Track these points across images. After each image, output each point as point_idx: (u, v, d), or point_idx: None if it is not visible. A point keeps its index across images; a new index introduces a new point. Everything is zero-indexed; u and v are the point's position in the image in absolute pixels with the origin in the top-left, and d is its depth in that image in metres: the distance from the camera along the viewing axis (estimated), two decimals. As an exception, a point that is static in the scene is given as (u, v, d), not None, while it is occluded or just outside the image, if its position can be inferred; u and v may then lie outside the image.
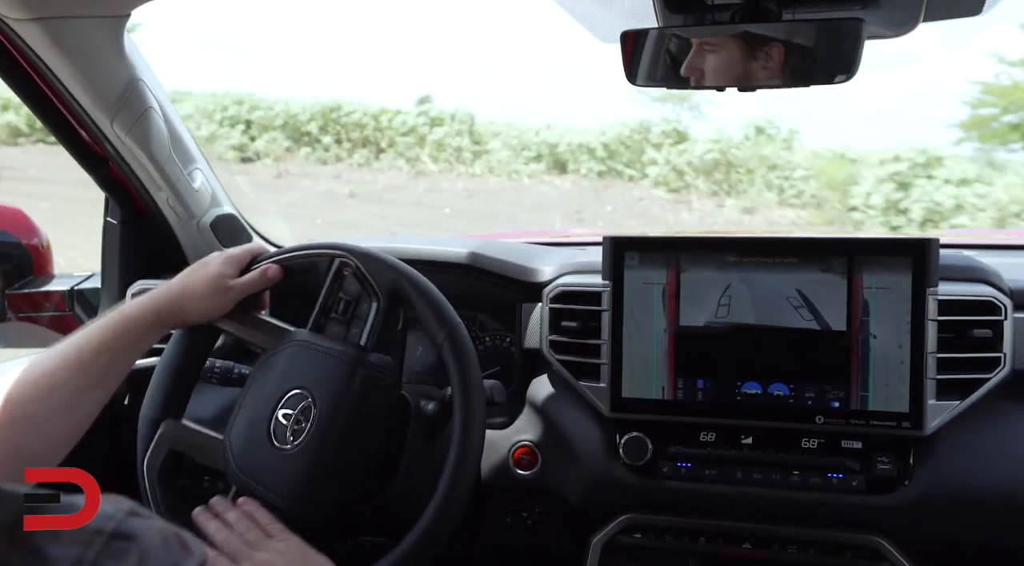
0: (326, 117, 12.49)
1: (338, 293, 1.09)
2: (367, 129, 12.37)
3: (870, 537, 1.16)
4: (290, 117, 12.52)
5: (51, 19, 1.15)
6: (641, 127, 11.32)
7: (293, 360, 1.04)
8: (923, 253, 1.14)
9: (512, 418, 1.35)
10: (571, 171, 11.48)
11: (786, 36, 1.05)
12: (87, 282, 1.64)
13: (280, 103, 12.67)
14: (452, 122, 12.32)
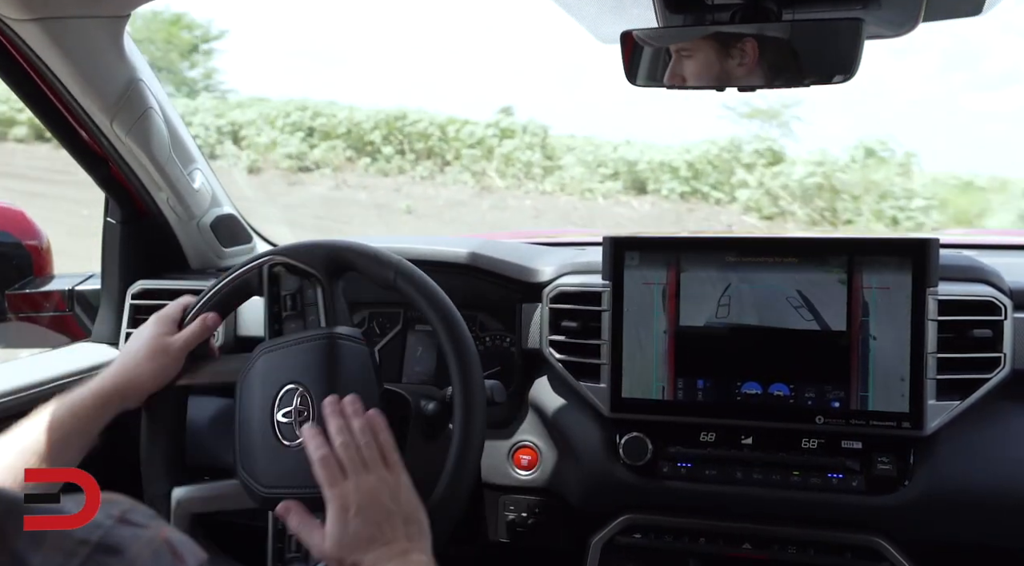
0: (390, 126, 11.74)
1: (280, 294, 1.09)
2: (432, 139, 11.59)
3: (870, 537, 1.16)
4: (353, 125, 11.84)
5: (51, 19, 1.15)
6: (731, 145, 10.28)
7: (268, 365, 1.04)
8: (923, 253, 1.13)
9: (512, 418, 1.35)
10: (651, 191, 10.53)
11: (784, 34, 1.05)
12: (87, 282, 1.64)
13: (344, 110, 12.07)
14: (523, 134, 11.51)
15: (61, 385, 1.35)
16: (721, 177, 10.33)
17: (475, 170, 11.35)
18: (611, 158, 10.96)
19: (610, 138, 11.55)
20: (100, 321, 1.57)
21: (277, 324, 1.09)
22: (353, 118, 11.83)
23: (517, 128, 11.56)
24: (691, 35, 1.10)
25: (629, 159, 10.76)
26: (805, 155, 9.97)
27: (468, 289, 1.35)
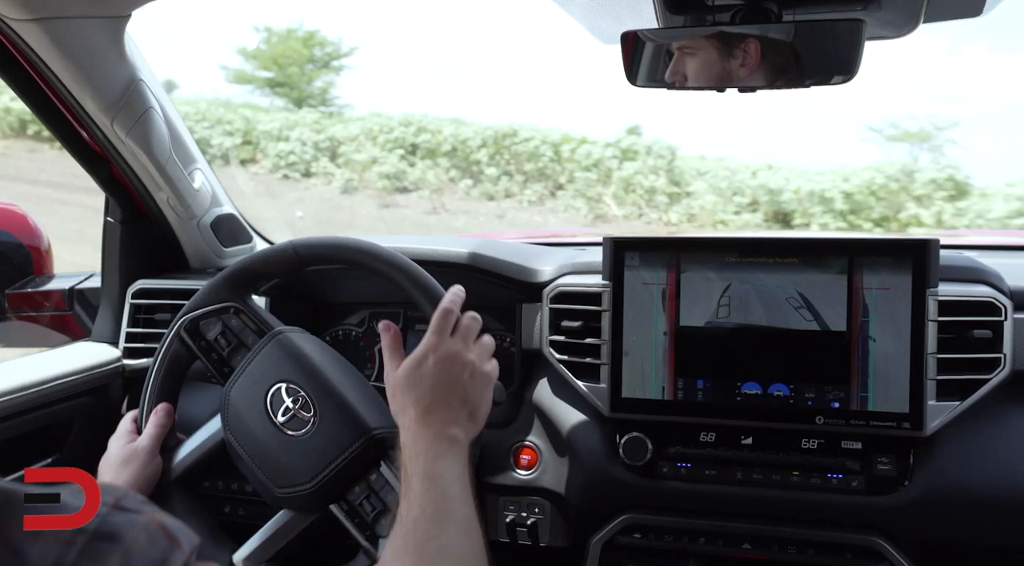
0: (498, 144, 10.51)
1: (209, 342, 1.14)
2: (543, 160, 10.27)
3: (870, 538, 1.16)
4: (459, 142, 10.63)
5: (52, 19, 1.15)
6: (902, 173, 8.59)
7: (240, 392, 1.09)
8: (923, 254, 1.14)
9: (512, 418, 1.35)
10: (797, 225, 9.00)
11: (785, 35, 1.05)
12: (87, 282, 1.64)
13: (450, 126, 10.90)
14: (647, 156, 9.95)
15: (61, 385, 1.35)
16: (886, 211, 8.65)
17: (590, 195, 9.97)
18: (749, 185, 9.32)
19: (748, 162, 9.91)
20: (100, 320, 1.57)
21: (226, 366, 1.13)
22: (459, 135, 10.66)
23: (640, 149, 10.04)
24: (695, 35, 1.09)
25: (771, 187, 9.10)
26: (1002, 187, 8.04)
27: (468, 289, 1.35)
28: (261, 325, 1.13)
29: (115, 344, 1.52)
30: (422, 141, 10.83)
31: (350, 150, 11.03)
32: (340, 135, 11.31)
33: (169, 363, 1.14)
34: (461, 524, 0.80)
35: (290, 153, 11.01)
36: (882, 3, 1.03)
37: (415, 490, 0.82)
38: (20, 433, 1.28)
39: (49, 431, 1.36)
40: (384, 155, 10.70)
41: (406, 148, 10.82)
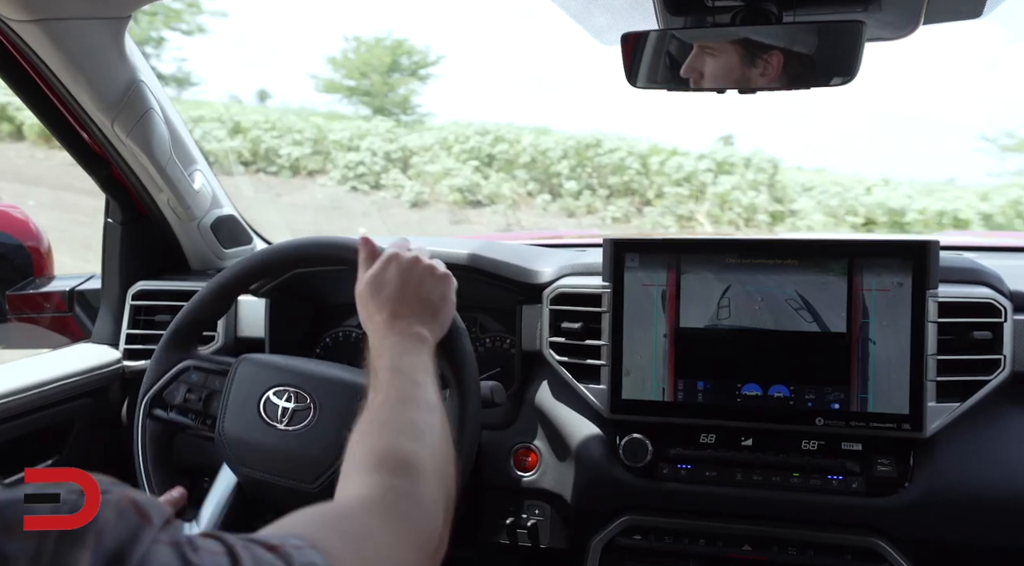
0: (580, 155, 9.51)
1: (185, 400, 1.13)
2: (629, 173, 9.23)
3: (870, 539, 1.16)
4: (539, 153, 9.68)
5: (52, 20, 1.15)
6: None
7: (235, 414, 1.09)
8: (923, 255, 1.14)
9: (512, 420, 1.35)
10: None
11: (787, 41, 1.05)
12: (87, 283, 1.64)
13: (530, 135, 9.95)
14: (746, 169, 8.90)
15: (61, 386, 1.35)
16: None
17: (681, 213, 8.97)
18: (864, 203, 8.24)
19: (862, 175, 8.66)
20: (100, 322, 1.57)
21: (207, 418, 1.12)
22: (539, 145, 9.67)
23: (737, 161, 8.90)
24: (722, 36, 1.09)
25: (891, 206, 8.00)
26: None
27: (468, 290, 1.35)
28: (221, 364, 1.13)
29: (115, 345, 1.52)
30: (499, 152, 9.92)
31: (422, 161, 10.24)
32: (413, 145, 10.51)
33: (152, 446, 1.13)
34: (427, 405, 0.81)
35: (359, 164, 10.24)
36: (882, 4, 1.03)
37: (382, 380, 0.83)
38: (20, 435, 1.28)
39: (49, 432, 1.36)
40: (458, 166, 9.86)
41: (481, 159, 9.96)
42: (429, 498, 0.69)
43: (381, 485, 0.67)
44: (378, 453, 0.71)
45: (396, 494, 0.67)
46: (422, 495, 0.68)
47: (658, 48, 1.10)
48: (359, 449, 0.73)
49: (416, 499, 0.68)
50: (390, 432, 0.75)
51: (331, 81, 12.79)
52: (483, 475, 1.34)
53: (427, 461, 0.72)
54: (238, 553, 0.48)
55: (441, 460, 0.75)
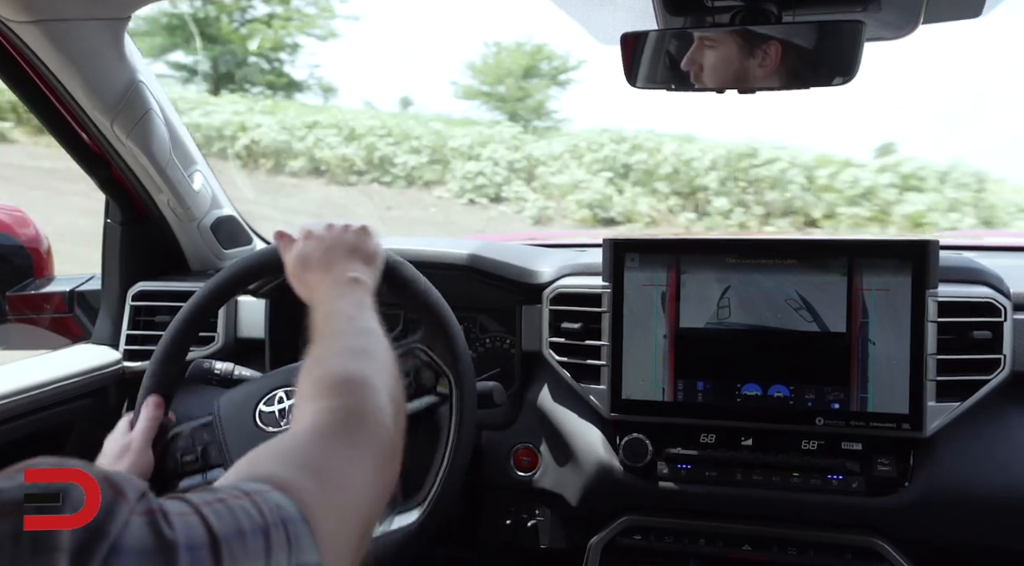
0: (731, 166, 8.06)
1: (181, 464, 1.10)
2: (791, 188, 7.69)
3: (870, 538, 1.16)
4: (682, 163, 8.21)
5: (52, 21, 1.15)
6: None
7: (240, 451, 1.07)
8: (923, 255, 1.14)
9: (512, 420, 1.35)
10: None
11: (786, 36, 1.05)
12: (87, 284, 1.64)
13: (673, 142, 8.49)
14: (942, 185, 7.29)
15: (61, 387, 1.35)
16: None
17: None
18: None
19: None
20: (100, 323, 1.57)
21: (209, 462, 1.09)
22: (682, 154, 8.19)
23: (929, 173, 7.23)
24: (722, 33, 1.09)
25: None
26: None
27: (468, 291, 1.35)
28: (203, 420, 1.12)
29: (115, 346, 1.52)
30: (636, 161, 8.33)
31: (549, 172, 8.92)
32: (540, 153, 9.13)
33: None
34: (363, 331, 0.83)
35: (479, 174, 8.97)
36: (882, 4, 1.03)
37: (319, 326, 0.84)
38: (20, 435, 1.28)
39: (49, 433, 1.36)
40: (588, 178, 8.51)
41: (616, 170, 8.47)
42: (375, 408, 0.70)
43: (328, 408, 0.68)
44: (318, 380, 0.73)
45: (344, 412, 0.68)
46: (368, 407, 0.69)
47: (658, 48, 1.10)
48: (303, 384, 0.75)
49: (362, 412, 0.69)
50: (329, 360, 0.76)
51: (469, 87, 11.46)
52: (483, 475, 1.34)
53: (367, 375, 0.73)
54: (203, 512, 0.48)
55: (382, 372, 0.76)
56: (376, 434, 0.68)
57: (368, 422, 0.68)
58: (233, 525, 0.48)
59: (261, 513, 0.50)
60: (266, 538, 0.49)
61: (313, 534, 0.53)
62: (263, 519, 0.50)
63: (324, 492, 0.57)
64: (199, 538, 0.46)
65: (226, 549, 0.46)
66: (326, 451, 0.62)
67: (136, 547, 0.43)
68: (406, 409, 0.76)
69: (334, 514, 0.56)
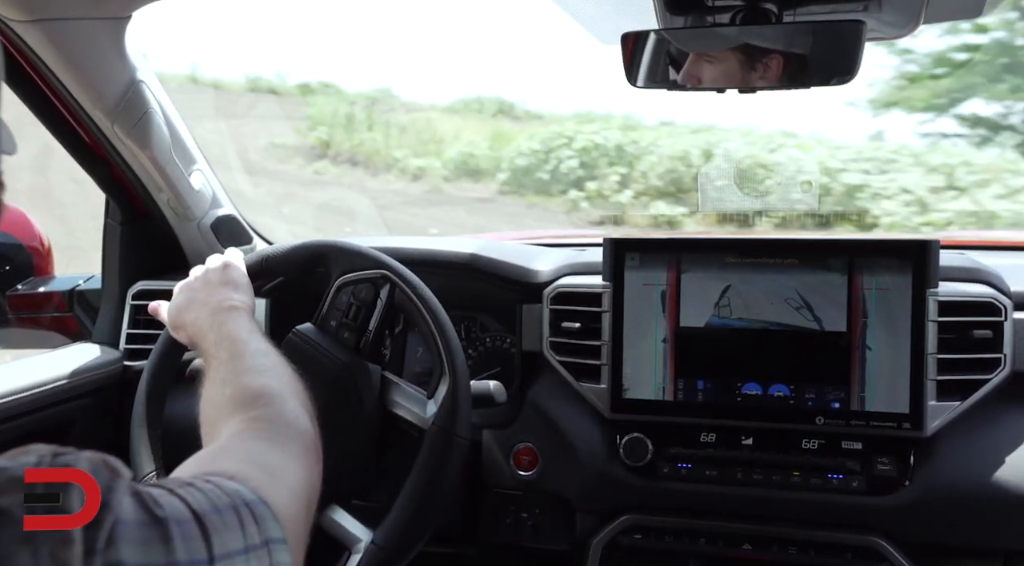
0: None
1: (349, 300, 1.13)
2: None
3: (870, 538, 1.16)
4: None
5: (52, 20, 1.15)
6: None
7: None
8: (923, 254, 1.14)
9: (512, 419, 1.35)
10: None
11: (786, 42, 1.05)
12: (87, 283, 1.64)
13: None
14: None
15: (62, 386, 1.35)
16: None
17: None
18: None
19: None
20: (101, 322, 1.57)
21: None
22: None
23: None
24: (722, 42, 1.09)
25: None
26: None
27: (468, 290, 1.35)
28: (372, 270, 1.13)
29: (116, 346, 1.52)
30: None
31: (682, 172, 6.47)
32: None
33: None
34: (258, 352, 0.86)
35: None
36: (882, 4, 1.03)
37: (211, 353, 0.88)
38: (21, 435, 1.28)
39: (50, 433, 1.36)
40: None
41: None
42: (291, 414, 0.74)
43: (248, 419, 0.72)
44: (233, 397, 0.76)
45: (262, 420, 0.72)
46: (284, 413, 0.74)
47: (658, 48, 1.10)
48: (211, 409, 0.78)
49: (280, 418, 0.73)
50: (232, 381, 0.79)
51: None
52: (483, 474, 1.34)
53: (276, 388, 0.77)
54: (179, 493, 0.52)
55: (288, 383, 0.80)
56: (298, 435, 0.72)
57: (288, 426, 0.72)
58: (207, 503, 0.52)
59: (227, 494, 0.54)
60: (237, 514, 0.54)
61: (274, 514, 0.57)
62: (230, 498, 0.54)
63: (270, 479, 0.61)
64: (183, 513, 0.50)
65: (208, 522, 0.51)
66: (259, 449, 0.67)
67: (134, 519, 0.47)
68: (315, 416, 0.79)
69: (283, 498, 0.60)
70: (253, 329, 0.92)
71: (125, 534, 0.46)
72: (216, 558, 0.50)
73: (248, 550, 0.53)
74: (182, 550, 0.48)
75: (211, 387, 0.81)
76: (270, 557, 0.54)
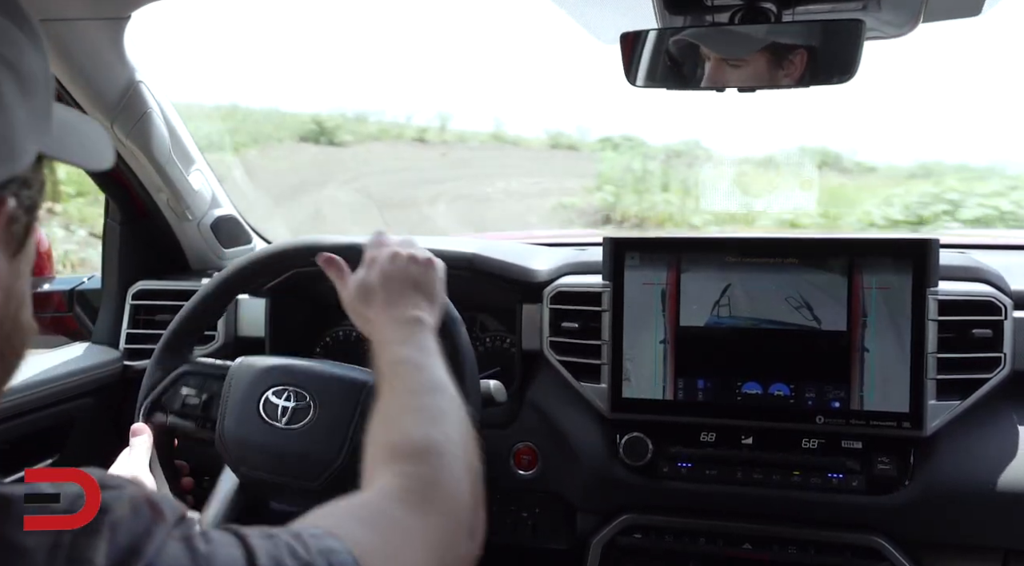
0: None
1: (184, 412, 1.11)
2: None
3: (870, 537, 1.16)
4: None
5: (52, 21, 1.15)
6: None
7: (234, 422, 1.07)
8: (923, 253, 1.14)
9: (512, 418, 1.35)
10: None
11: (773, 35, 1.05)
12: (87, 283, 1.64)
13: None
14: None
15: (62, 386, 1.35)
16: None
17: None
18: None
19: None
20: (100, 322, 1.57)
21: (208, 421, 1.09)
22: None
23: None
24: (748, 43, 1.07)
25: None
26: None
27: (468, 289, 1.35)
28: (219, 369, 1.11)
29: (115, 345, 1.52)
30: None
31: None
32: None
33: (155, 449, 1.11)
34: (435, 387, 0.78)
35: None
36: (881, 3, 1.03)
37: (386, 375, 0.80)
38: (21, 434, 1.28)
39: (50, 432, 1.36)
40: None
41: None
42: (452, 479, 0.66)
43: (400, 474, 0.64)
44: (392, 445, 0.69)
45: (416, 480, 0.64)
46: (444, 477, 0.66)
47: (657, 47, 1.10)
48: (373, 448, 0.71)
49: (437, 482, 0.65)
50: (401, 422, 0.72)
51: None
52: (483, 474, 1.34)
53: (443, 443, 0.69)
54: (251, 543, 0.48)
55: (459, 439, 0.72)
56: (451, 506, 0.64)
57: (443, 493, 0.64)
58: (274, 556, 0.47)
59: (308, 550, 0.49)
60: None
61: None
62: (308, 556, 0.49)
63: (385, 547, 0.55)
64: (236, 561, 0.46)
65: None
66: (393, 513, 0.60)
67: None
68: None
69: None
70: (435, 351, 0.83)
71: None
72: None
73: None
74: None
75: (378, 418, 0.74)
76: None
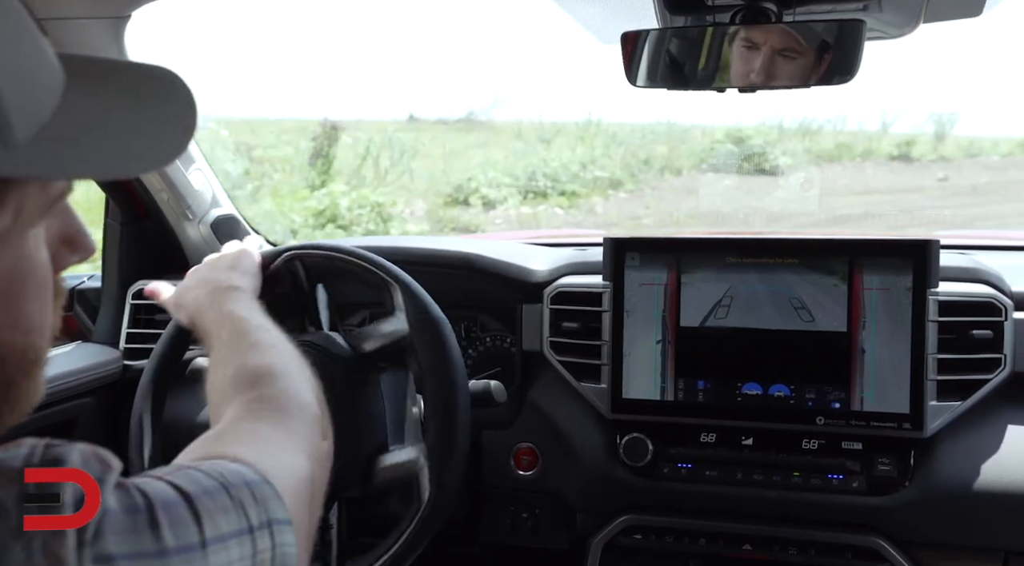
0: None
1: None
2: None
3: (870, 538, 1.16)
4: None
5: (51, 20, 1.15)
6: None
7: None
8: (924, 254, 1.14)
9: (512, 419, 1.35)
10: None
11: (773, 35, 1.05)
12: (87, 282, 1.64)
13: None
14: None
15: (62, 385, 1.35)
16: None
17: None
18: None
19: None
20: (101, 321, 1.57)
21: None
22: None
23: None
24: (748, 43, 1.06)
25: None
26: None
27: (468, 290, 1.35)
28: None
29: (116, 345, 1.52)
30: None
31: None
32: None
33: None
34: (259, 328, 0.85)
35: None
36: (882, 3, 1.03)
37: (212, 332, 0.87)
38: (21, 434, 1.28)
39: (49, 432, 1.35)
40: None
41: None
42: (296, 390, 0.72)
43: (247, 400, 0.70)
44: (231, 381, 0.74)
45: (265, 401, 0.69)
46: (288, 389, 0.72)
47: (658, 47, 1.10)
48: (215, 391, 0.76)
49: (285, 395, 0.71)
50: (233, 361, 0.78)
51: None
52: (484, 474, 1.34)
53: (279, 365, 0.75)
54: (167, 478, 0.51)
55: (292, 362, 0.78)
56: (303, 411, 0.70)
57: (292, 403, 0.70)
58: (198, 485, 0.51)
59: (224, 475, 0.53)
60: (233, 495, 0.52)
61: (278, 494, 0.55)
62: (226, 480, 0.53)
63: (272, 459, 0.59)
64: (171, 496, 0.49)
65: (200, 504, 0.50)
66: (256, 428, 0.65)
67: (118, 508, 0.46)
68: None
69: (286, 478, 0.58)
70: (253, 307, 0.91)
71: (110, 525, 0.45)
72: (208, 541, 0.49)
73: (246, 531, 0.52)
74: (171, 536, 0.47)
75: (213, 370, 0.80)
76: (272, 538, 0.53)
